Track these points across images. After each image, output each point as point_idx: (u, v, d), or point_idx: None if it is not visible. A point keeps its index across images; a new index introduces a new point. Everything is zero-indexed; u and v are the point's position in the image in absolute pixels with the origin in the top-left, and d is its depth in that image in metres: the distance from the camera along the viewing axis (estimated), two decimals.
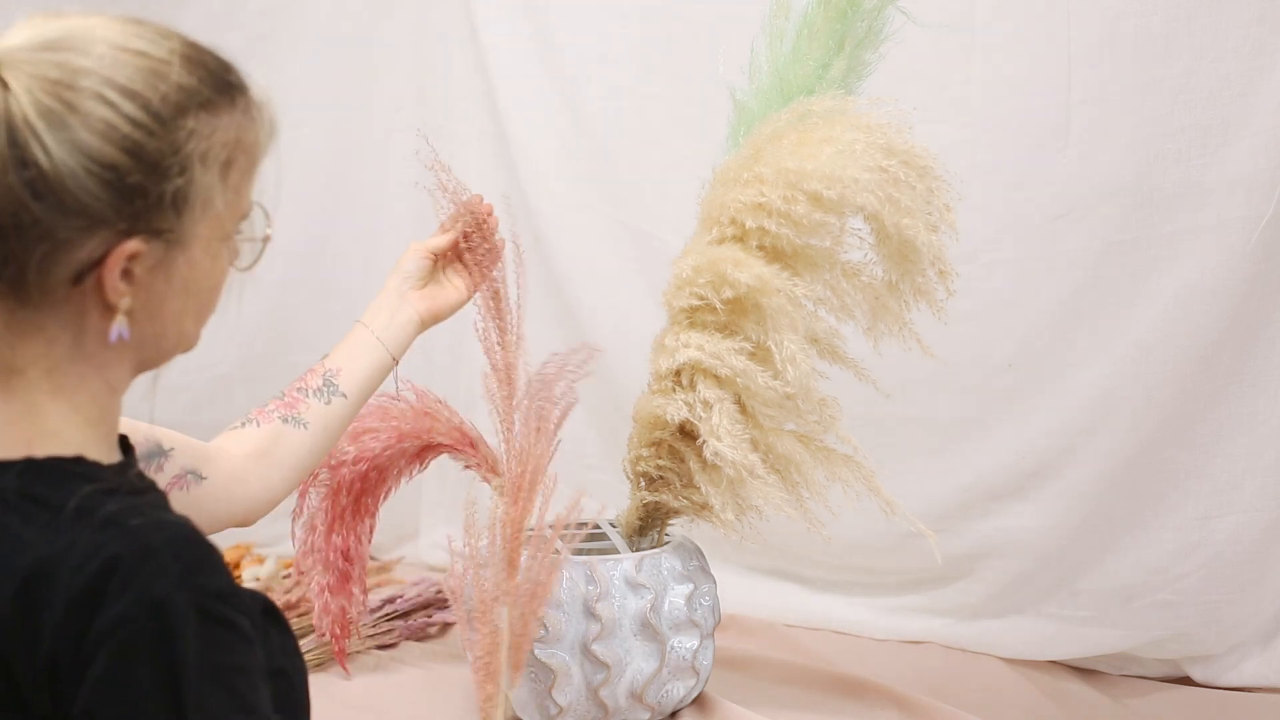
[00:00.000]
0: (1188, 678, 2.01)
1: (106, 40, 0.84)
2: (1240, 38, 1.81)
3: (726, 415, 1.53)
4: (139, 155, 0.83)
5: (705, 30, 2.11)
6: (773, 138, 1.54)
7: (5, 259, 0.83)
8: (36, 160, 0.80)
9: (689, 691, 1.71)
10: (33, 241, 0.82)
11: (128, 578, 0.78)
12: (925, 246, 1.51)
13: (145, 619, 0.78)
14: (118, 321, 0.86)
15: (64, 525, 0.81)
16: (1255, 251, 1.83)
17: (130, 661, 0.78)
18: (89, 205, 0.82)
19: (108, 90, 0.82)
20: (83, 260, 0.84)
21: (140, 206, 0.84)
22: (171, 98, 0.84)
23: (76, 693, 0.78)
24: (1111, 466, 1.96)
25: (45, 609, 0.79)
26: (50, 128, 0.81)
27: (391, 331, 1.41)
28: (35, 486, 0.84)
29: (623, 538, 1.76)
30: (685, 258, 1.56)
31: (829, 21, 1.60)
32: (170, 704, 0.78)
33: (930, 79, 1.99)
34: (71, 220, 0.82)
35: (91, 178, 0.82)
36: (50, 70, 0.81)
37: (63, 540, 0.80)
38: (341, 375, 1.36)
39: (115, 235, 0.84)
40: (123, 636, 0.78)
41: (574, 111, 2.28)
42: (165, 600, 0.78)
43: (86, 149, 0.81)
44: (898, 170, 1.49)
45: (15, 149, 0.80)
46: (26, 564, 0.80)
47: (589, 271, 2.30)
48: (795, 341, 1.49)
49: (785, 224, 1.49)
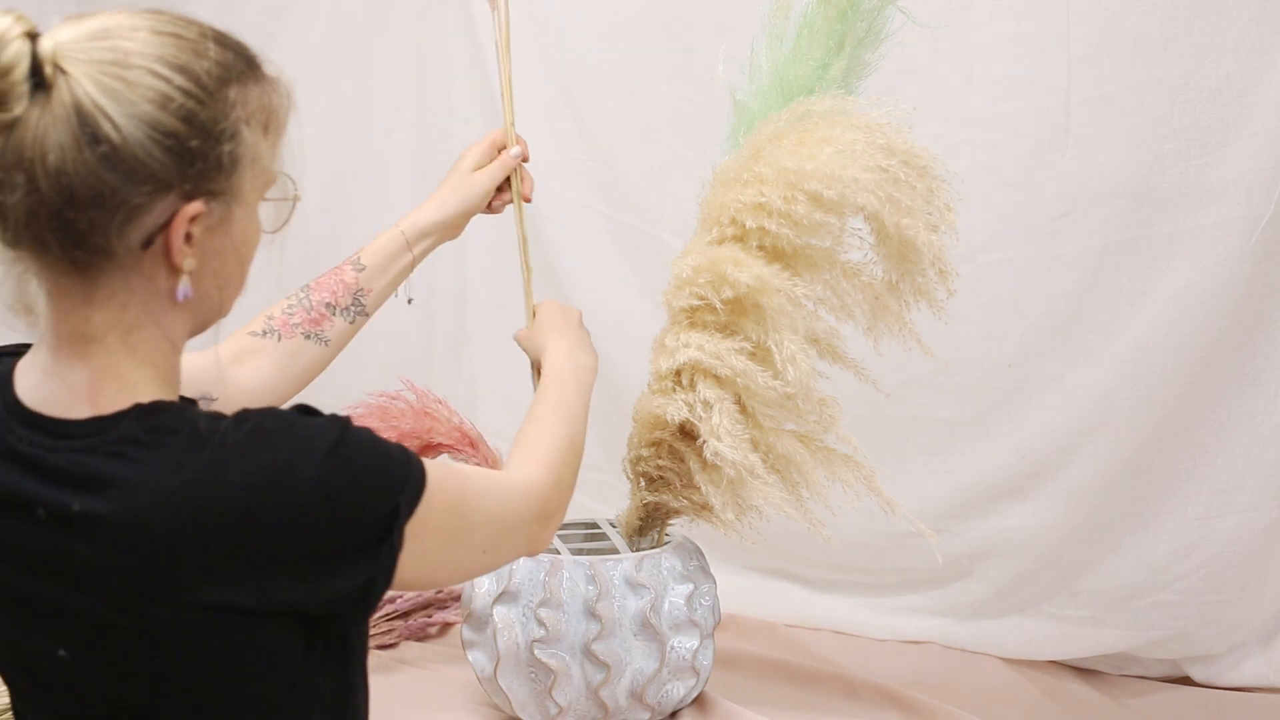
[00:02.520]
0: (1188, 678, 2.01)
1: (145, 27, 0.92)
2: (1240, 38, 1.81)
3: (727, 415, 1.53)
4: (194, 122, 0.91)
5: (705, 30, 2.11)
6: (773, 138, 1.54)
7: (88, 230, 0.90)
8: (108, 135, 0.88)
9: (689, 691, 1.71)
10: (110, 210, 0.90)
11: (303, 452, 0.92)
12: (925, 246, 1.51)
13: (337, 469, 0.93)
14: (183, 281, 0.94)
15: (205, 445, 0.90)
16: (1255, 251, 1.83)
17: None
18: (156, 171, 0.90)
19: (159, 66, 0.90)
20: (151, 225, 0.92)
21: (200, 169, 0.92)
22: (214, 71, 0.93)
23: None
24: (1111, 466, 1.96)
25: (283, 498, 0.91)
26: (115, 104, 0.88)
27: (422, 245, 1.47)
28: (158, 422, 0.92)
29: (623, 538, 1.76)
30: (685, 258, 1.56)
31: (829, 22, 1.60)
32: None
33: (930, 79, 1.99)
34: (142, 187, 0.90)
35: (156, 145, 0.90)
36: (104, 54, 0.89)
37: (213, 454, 0.90)
38: (370, 295, 1.41)
39: (179, 198, 0.92)
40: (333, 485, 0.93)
41: (574, 111, 2.28)
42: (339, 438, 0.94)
43: (149, 119, 0.89)
44: (898, 170, 1.49)
45: (86, 128, 0.88)
46: (194, 478, 0.90)
47: (589, 271, 2.30)
48: (795, 341, 1.49)
49: (785, 224, 1.49)
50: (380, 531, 0.96)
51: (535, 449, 1.19)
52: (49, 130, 0.88)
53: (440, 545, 1.01)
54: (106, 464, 0.91)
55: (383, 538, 0.96)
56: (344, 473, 0.93)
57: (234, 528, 0.90)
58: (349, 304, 1.40)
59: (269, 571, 0.92)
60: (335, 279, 1.40)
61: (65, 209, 0.89)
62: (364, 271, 1.42)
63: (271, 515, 0.91)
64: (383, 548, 0.96)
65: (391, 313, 2.25)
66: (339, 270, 1.41)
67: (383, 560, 0.96)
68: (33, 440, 0.94)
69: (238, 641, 0.94)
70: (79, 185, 0.89)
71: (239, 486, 0.90)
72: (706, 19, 2.13)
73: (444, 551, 1.02)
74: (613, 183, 2.29)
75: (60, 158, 0.88)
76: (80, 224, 0.90)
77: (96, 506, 0.90)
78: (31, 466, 0.93)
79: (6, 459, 0.95)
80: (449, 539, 1.03)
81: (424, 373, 2.14)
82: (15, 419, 0.95)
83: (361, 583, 0.96)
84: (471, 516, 1.05)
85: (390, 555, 0.96)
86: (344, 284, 1.40)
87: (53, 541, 0.92)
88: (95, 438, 0.93)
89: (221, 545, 0.90)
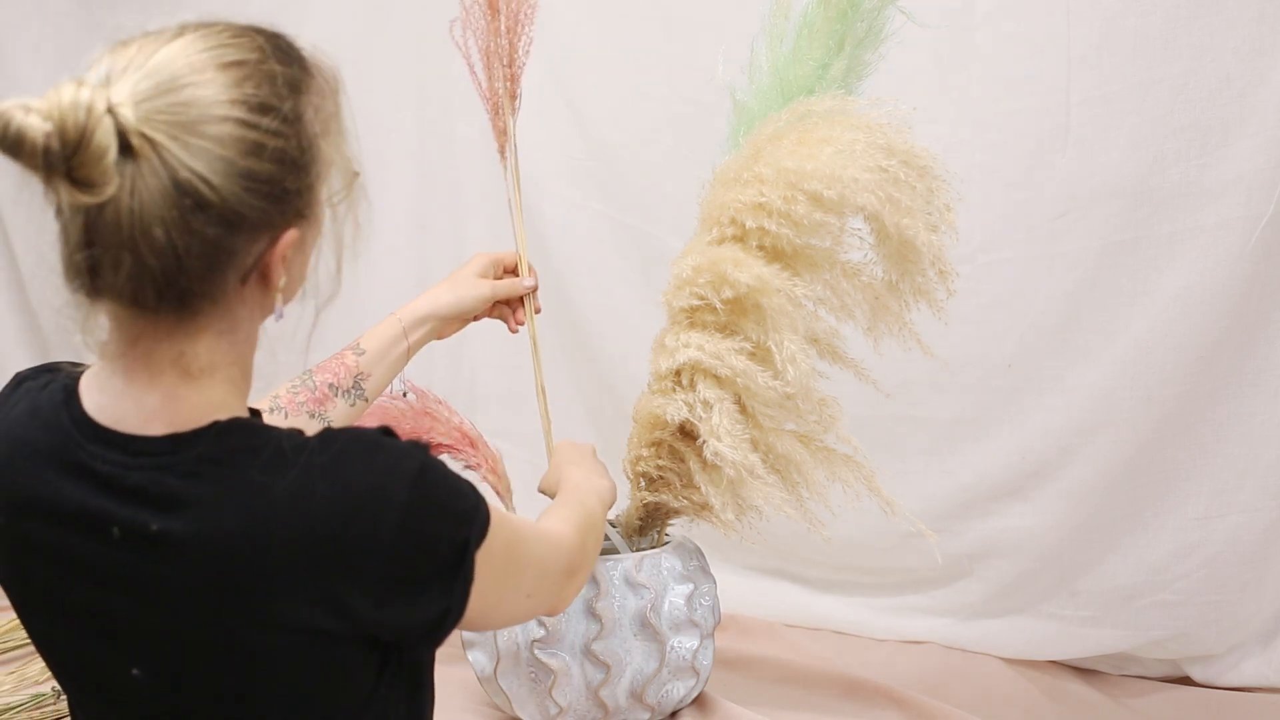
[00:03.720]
0: (1188, 678, 2.01)
1: (208, 65, 0.89)
2: (1240, 38, 1.81)
3: (726, 415, 1.53)
4: (285, 161, 0.91)
5: (706, 30, 2.10)
6: (773, 138, 1.54)
7: (197, 283, 0.90)
8: (209, 199, 0.87)
9: (689, 691, 1.71)
10: (217, 265, 0.90)
11: (391, 476, 0.93)
12: (925, 246, 1.51)
13: (421, 492, 0.94)
14: (278, 301, 0.96)
15: (289, 465, 0.91)
16: (1255, 251, 1.83)
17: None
18: (258, 219, 0.90)
19: (242, 113, 0.88)
20: (252, 261, 0.92)
21: (293, 203, 0.93)
22: (288, 95, 0.92)
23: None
24: (1111, 466, 1.96)
25: (369, 523, 0.91)
26: (209, 167, 0.87)
27: (417, 334, 1.51)
28: (237, 442, 0.92)
29: (622, 537, 1.76)
30: (685, 258, 1.56)
31: (829, 22, 1.60)
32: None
33: (930, 79, 1.99)
34: (244, 235, 0.90)
35: (254, 195, 0.89)
36: (185, 114, 0.87)
37: (300, 474, 0.90)
38: (369, 380, 1.44)
39: (275, 234, 0.92)
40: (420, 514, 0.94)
41: (574, 111, 2.28)
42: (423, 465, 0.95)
43: (245, 172, 0.88)
44: (898, 170, 1.49)
45: (186, 197, 0.86)
46: (280, 497, 0.90)
47: (589, 271, 2.30)
48: (795, 341, 1.49)
49: (785, 224, 1.49)
50: (454, 561, 0.96)
51: (561, 514, 1.23)
52: (148, 204, 0.86)
53: (496, 583, 1.03)
54: (185, 484, 0.90)
55: (456, 567, 0.97)
56: (427, 501, 0.94)
57: (318, 549, 0.90)
58: (350, 386, 1.43)
59: (350, 594, 0.91)
60: (337, 363, 1.44)
61: (178, 275, 0.88)
62: (364, 356, 1.45)
63: (356, 538, 0.91)
64: (457, 578, 0.97)
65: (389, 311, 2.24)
66: (340, 355, 1.45)
67: (457, 591, 0.97)
68: (106, 458, 0.92)
69: (312, 663, 0.94)
70: (188, 249, 0.88)
71: (325, 508, 0.90)
72: (707, 19, 2.13)
73: (498, 589, 1.04)
74: (613, 183, 2.29)
75: (165, 231, 0.86)
76: (191, 281, 0.89)
77: (176, 527, 0.90)
78: (105, 484, 0.92)
79: (78, 476, 0.93)
80: (503, 577, 1.04)
81: (424, 373, 2.13)
82: (85, 435, 0.94)
83: (437, 613, 0.97)
84: (521, 559, 1.07)
85: (464, 586, 0.97)
86: (345, 367, 1.44)
87: (128, 560, 0.92)
88: (172, 455, 0.92)
89: (305, 566, 0.90)
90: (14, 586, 1.00)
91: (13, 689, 1.95)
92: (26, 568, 0.97)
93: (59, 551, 0.94)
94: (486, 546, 0.99)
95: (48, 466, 0.94)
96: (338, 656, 0.95)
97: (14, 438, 0.96)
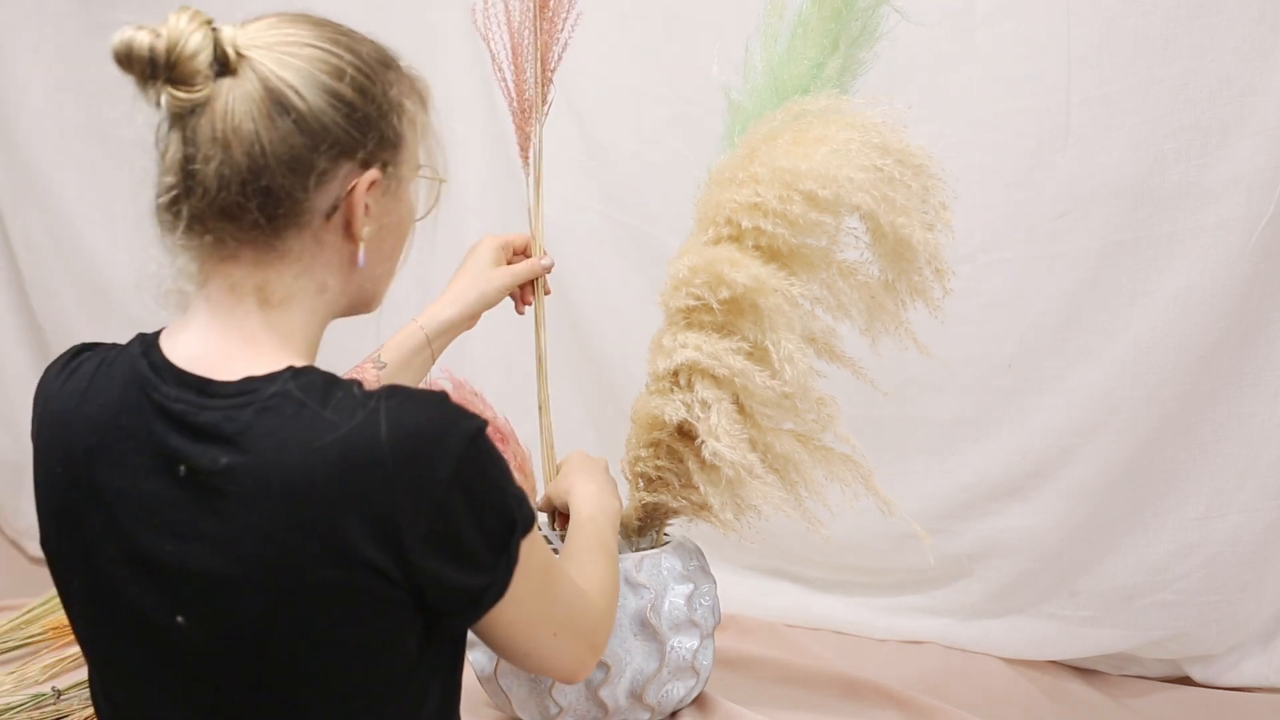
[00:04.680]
0: (1188, 678, 2.01)
1: (306, 21, 1.02)
2: (1240, 38, 1.81)
3: (724, 415, 1.52)
4: (365, 93, 1.01)
5: (706, 30, 2.10)
6: (768, 137, 1.54)
7: (284, 192, 0.98)
8: (294, 104, 0.97)
9: (689, 691, 1.71)
10: (302, 173, 0.98)
11: (450, 430, 0.98)
12: (921, 245, 1.51)
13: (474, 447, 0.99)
14: (361, 249, 1.02)
15: (358, 407, 0.96)
16: (1255, 251, 1.83)
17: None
18: (339, 137, 0.99)
19: (329, 45, 1.00)
20: (336, 191, 1.00)
21: (374, 137, 1.01)
22: (372, 55, 1.03)
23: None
24: (1111, 466, 1.96)
25: (426, 468, 0.95)
26: (297, 77, 0.98)
27: (441, 340, 1.52)
28: (312, 381, 0.98)
29: (622, 538, 1.76)
30: (681, 258, 1.56)
31: (823, 21, 1.60)
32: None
33: (930, 79, 1.99)
34: (326, 151, 0.98)
35: (337, 112, 0.99)
36: (279, 38, 0.99)
37: (368, 417, 0.95)
38: None
39: (358, 166, 1.01)
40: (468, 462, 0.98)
41: (574, 111, 2.28)
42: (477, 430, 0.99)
43: (329, 89, 0.98)
44: (893, 169, 1.49)
45: (274, 100, 0.97)
46: (346, 434, 0.94)
47: (589, 271, 2.30)
48: (792, 341, 1.49)
49: (781, 224, 1.49)
50: (501, 537, 1.01)
51: (589, 576, 1.26)
52: (239, 105, 0.96)
53: (532, 595, 1.06)
54: (259, 418, 0.95)
55: (503, 546, 1.01)
56: (480, 464, 0.99)
57: (378, 481, 0.94)
58: None
59: (402, 531, 0.95)
60: (357, 377, 1.43)
61: (262, 174, 0.97)
62: (384, 370, 1.46)
63: (413, 479, 0.95)
64: (502, 555, 1.01)
65: (394, 309, 2.23)
66: (361, 369, 1.46)
67: (500, 569, 1.01)
68: (181, 398, 0.98)
69: (363, 615, 0.97)
70: (273, 151, 0.97)
71: (388, 445, 0.94)
72: (707, 19, 2.13)
73: (533, 602, 1.07)
74: (613, 183, 2.29)
75: (253, 128, 0.96)
76: (276, 187, 0.97)
77: (245, 460, 0.94)
78: (178, 422, 0.97)
79: (153, 415, 0.98)
80: (540, 593, 1.07)
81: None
82: (163, 378, 0.99)
83: (480, 585, 1.00)
84: (554, 587, 1.11)
85: (508, 566, 1.02)
86: (366, 383, 1.42)
87: (192, 499, 0.95)
88: (249, 395, 0.97)
89: (363, 493, 0.94)
90: (63, 542, 1.03)
91: (13, 689, 1.95)
92: (81, 519, 1.00)
93: (122, 496, 0.98)
94: (530, 545, 1.03)
95: (118, 414, 0.99)
96: (386, 614, 0.98)
97: (80, 393, 1.02)
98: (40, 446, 1.05)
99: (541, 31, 1.65)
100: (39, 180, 2.62)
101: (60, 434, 1.02)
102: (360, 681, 0.99)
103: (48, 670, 2.01)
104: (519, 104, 1.67)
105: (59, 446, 1.02)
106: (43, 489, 1.04)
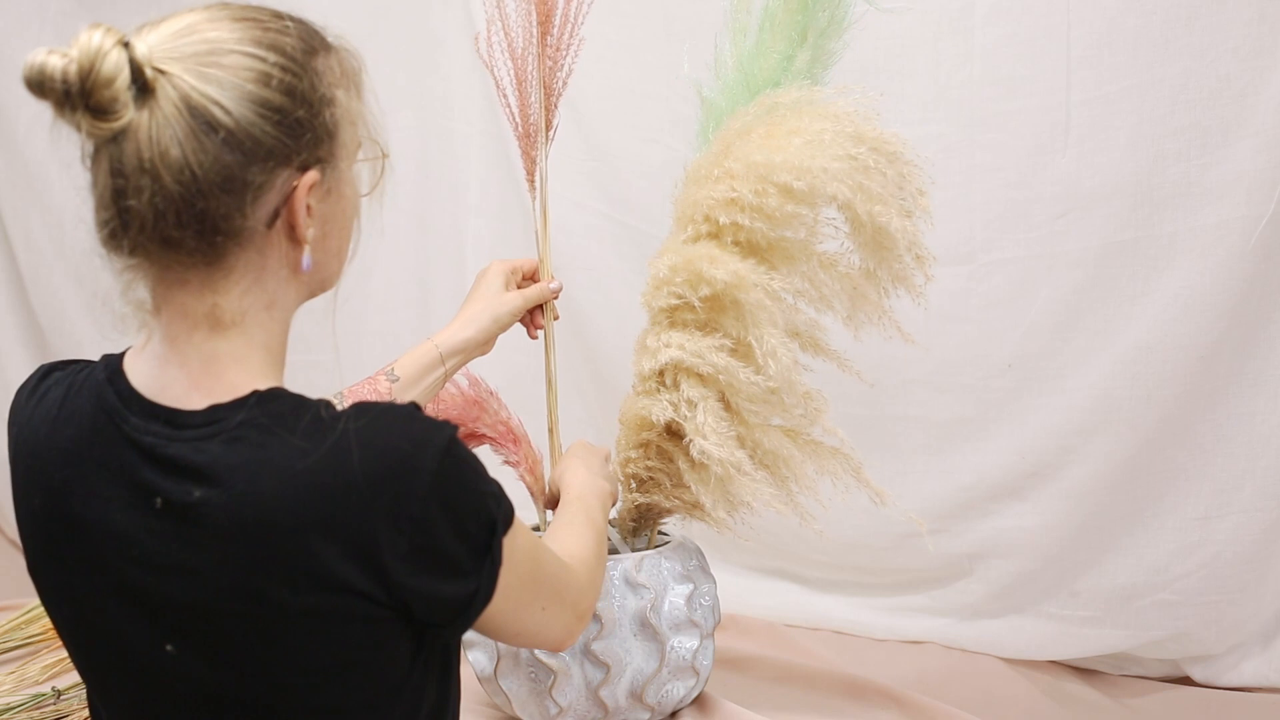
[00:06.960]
0: (1188, 678, 2.01)
1: (223, 17, 0.96)
2: (1240, 38, 1.81)
3: (711, 413, 1.52)
4: (294, 93, 0.95)
5: (707, 30, 2.10)
6: (741, 132, 1.53)
7: (221, 215, 0.94)
8: (221, 121, 0.92)
9: (689, 691, 1.71)
10: (237, 192, 0.93)
11: (422, 445, 0.96)
12: (899, 232, 1.50)
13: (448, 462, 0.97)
14: (306, 252, 0.98)
15: (327, 431, 0.94)
16: (1255, 251, 1.83)
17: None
18: (271, 146, 0.94)
19: (250, 47, 0.94)
20: (275, 201, 0.95)
21: (308, 139, 0.96)
22: (297, 48, 0.97)
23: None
24: (1111, 467, 1.96)
25: (402, 486, 0.94)
26: (220, 90, 0.92)
27: (454, 361, 1.53)
28: (278, 408, 0.96)
29: (621, 538, 1.76)
30: (661, 257, 1.55)
31: (790, 14, 1.60)
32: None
33: (930, 78, 1.99)
34: (260, 164, 0.93)
35: (266, 121, 0.93)
36: (196, 47, 0.93)
37: (338, 441, 0.93)
38: None
39: (295, 171, 0.96)
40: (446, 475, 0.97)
41: (573, 111, 2.28)
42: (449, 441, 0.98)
43: (255, 98, 0.93)
44: (867, 158, 1.48)
45: (199, 118, 0.91)
46: (318, 461, 0.93)
47: (589, 271, 2.30)
48: (775, 335, 1.48)
49: (758, 218, 1.49)
50: (483, 541, 1.00)
51: (572, 549, 1.26)
52: (163, 128, 0.91)
53: (521, 585, 1.06)
54: (228, 449, 0.93)
55: (485, 549, 1.00)
56: (455, 473, 0.97)
57: (354, 506, 0.93)
58: None
59: (383, 554, 0.94)
60: (369, 387, 1.46)
61: (196, 199, 0.92)
62: (398, 383, 1.47)
63: (390, 500, 0.94)
64: (486, 559, 1.00)
65: (389, 312, 2.24)
66: (373, 380, 1.46)
67: (485, 573, 1.00)
68: (149, 430, 0.96)
69: (350, 637, 0.96)
70: (204, 175, 0.92)
71: (360, 469, 0.93)
72: (706, 19, 2.12)
73: (520, 591, 1.06)
74: (613, 183, 2.29)
75: (180, 153, 0.91)
76: (212, 211, 0.93)
77: (218, 492, 0.93)
78: (148, 455, 0.95)
79: (122, 449, 0.96)
80: (529, 581, 1.07)
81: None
82: (131, 409, 0.97)
83: (466, 592, 1.00)
84: (541, 568, 1.10)
85: (493, 569, 1.01)
86: (377, 393, 1.45)
87: (169, 530, 0.94)
88: (215, 425, 0.95)
89: (341, 520, 0.93)
90: (46, 573, 1.02)
91: (13, 689, 1.95)
92: (62, 551, 0.99)
93: (99, 528, 0.96)
94: (512, 539, 1.02)
95: (90, 445, 0.97)
96: (375, 633, 0.97)
97: (50, 421, 0.99)
98: (16, 478, 1.03)
99: (544, 59, 1.65)
100: (39, 180, 2.62)
101: (35, 465, 1.00)
102: (355, 697, 0.99)
103: (48, 670, 2.01)
104: (524, 129, 1.67)
105: (36, 479, 1.00)
106: (24, 519, 1.02)
